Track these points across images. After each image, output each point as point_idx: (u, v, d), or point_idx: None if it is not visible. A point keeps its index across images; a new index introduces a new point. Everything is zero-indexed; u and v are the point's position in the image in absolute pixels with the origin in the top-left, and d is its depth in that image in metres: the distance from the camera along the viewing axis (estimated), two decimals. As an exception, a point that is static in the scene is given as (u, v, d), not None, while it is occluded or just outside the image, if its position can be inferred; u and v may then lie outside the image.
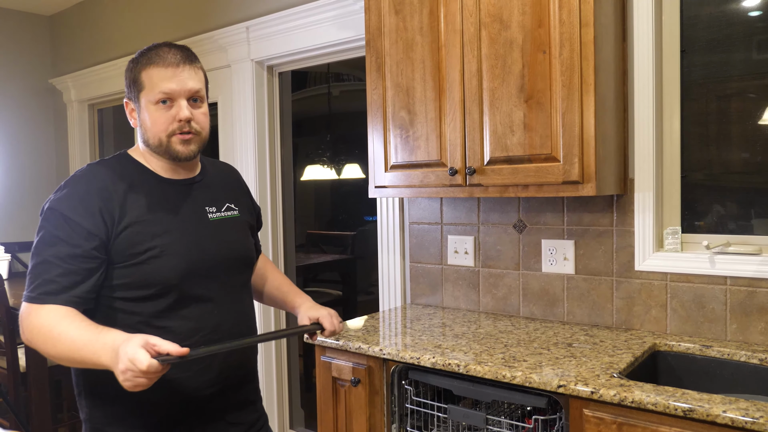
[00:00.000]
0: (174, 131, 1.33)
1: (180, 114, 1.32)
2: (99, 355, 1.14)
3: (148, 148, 1.38)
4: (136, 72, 1.34)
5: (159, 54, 1.34)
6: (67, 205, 1.28)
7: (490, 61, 1.89)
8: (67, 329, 1.19)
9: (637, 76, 1.95)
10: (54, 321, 1.20)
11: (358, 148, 4.89)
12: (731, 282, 1.83)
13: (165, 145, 1.34)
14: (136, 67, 1.35)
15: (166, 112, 1.33)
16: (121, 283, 1.30)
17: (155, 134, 1.34)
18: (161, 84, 1.31)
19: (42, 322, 1.21)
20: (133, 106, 1.38)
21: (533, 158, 1.83)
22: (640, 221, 1.97)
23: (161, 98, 1.32)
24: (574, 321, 2.12)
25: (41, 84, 4.49)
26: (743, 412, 1.28)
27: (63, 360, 1.21)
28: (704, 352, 1.79)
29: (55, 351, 1.20)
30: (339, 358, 1.96)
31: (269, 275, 1.69)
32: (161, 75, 1.32)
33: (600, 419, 1.46)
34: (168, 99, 1.32)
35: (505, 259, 2.27)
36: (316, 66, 3.06)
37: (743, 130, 1.92)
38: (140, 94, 1.34)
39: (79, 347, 1.17)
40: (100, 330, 1.18)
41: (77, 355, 1.18)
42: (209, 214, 1.42)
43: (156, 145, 1.35)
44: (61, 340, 1.18)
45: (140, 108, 1.35)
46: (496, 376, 1.62)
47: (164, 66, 1.32)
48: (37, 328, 1.21)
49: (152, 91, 1.32)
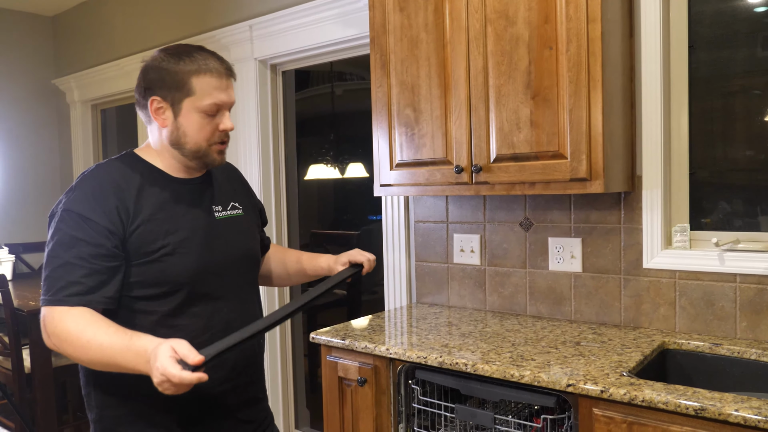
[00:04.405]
0: (216, 141, 1.36)
1: (227, 125, 1.35)
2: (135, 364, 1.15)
3: (179, 150, 1.36)
4: (184, 75, 1.31)
5: (209, 63, 1.33)
6: (83, 206, 1.26)
7: (496, 57, 1.88)
8: (95, 335, 1.18)
9: (644, 72, 1.93)
10: (81, 327, 1.19)
11: (362, 147, 4.88)
12: (741, 279, 1.81)
13: (203, 151, 1.36)
14: (180, 68, 1.31)
15: (211, 121, 1.34)
16: (136, 281, 1.30)
17: (196, 141, 1.34)
18: (215, 94, 1.32)
19: (69, 328, 1.20)
20: (163, 106, 1.33)
21: (540, 155, 1.82)
22: (648, 219, 1.95)
23: (214, 109, 1.33)
24: (581, 319, 2.11)
25: (44, 85, 4.49)
26: (756, 411, 1.26)
27: (95, 365, 1.22)
28: (714, 350, 1.77)
29: (87, 357, 1.20)
30: (345, 358, 1.95)
31: (287, 255, 1.72)
32: (215, 85, 1.33)
33: (610, 418, 1.44)
34: (218, 109, 1.34)
35: (512, 257, 2.26)
36: (319, 65, 3.05)
37: (752, 126, 1.90)
38: (185, 99, 1.31)
39: (112, 354, 1.17)
40: (129, 336, 1.17)
41: (111, 362, 1.18)
42: (216, 212, 1.43)
43: (194, 150, 1.35)
44: (92, 347, 1.18)
45: (179, 111, 1.32)
46: (504, 375, 1.60)
47: (218, 77, 1.33)
48: (64, 334, 1.21)
49: (203, 100, 1.31)
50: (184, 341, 1.13)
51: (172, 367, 1.08)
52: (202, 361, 1.10)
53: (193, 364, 1.09)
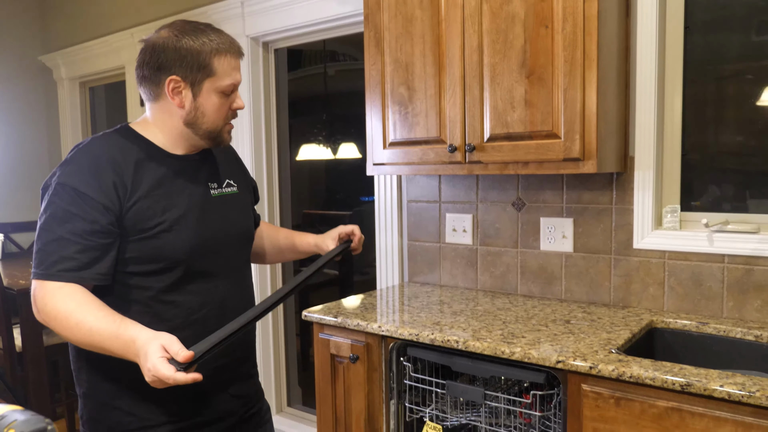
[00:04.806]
0: (229, 119, 1.38)
1: (239, 104, 1.37)
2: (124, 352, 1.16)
3: (192, 129, 1.34)
4: (206, 55, 1.29)
5: (227, 42, 1.33)
6: (78, 180, 1.24)
7: (492, 35, 1.87)
8: (84, 318, 1.18)
9: (639, 53, 1.93)
10: (71, 308, 1.19)
11: (354, 127, 4.86)
12: (729, 260, 1.84)
13: (218, 131, 1.36)
14: (201, 48, 1.29)
15: (226, 101, 1.35)
16: (132, 257, 1.29)
17: (214, 121, 1.34)
18: (233, 74, 1.34)
19: (59, 308, 1.20)
20: (181, 85, 1.30)
21: (534, 135, 1.82)
22: (640, 199, 1.97)
23: (231, 89, 1.34)
24: (572, 298, 2.13)
25: (31, 61, 4.42)
26: (740, 387, 1.29)
27: (84, 347, 1.22)
28: (701, 329, 1.80)
29: (75, 339, 1.21)
30: (337, 336, 1.96)
31: (278, 233, 1.73)
32: (233, 65, 1.34)
33: (598, 394, 1.47)
34: (234, 89, 1.35)
35: (504, 237, 2.27)
36: (311, 45, 3.02)
37: (744, 111, 1.91)
38: (206, 80, 1.30)
39: (101, 340, 1.17)
40: (117, 325, 1.17)
41: (99, 347, 1.19)
42: (211, 190, 1.42)
43: (210, 130, 1.35)
44: (81, 330, 1.18)
45: (200, 91, 1.31)
46: (495, 352, 1.62)
47: (235, 56, 1.35)
48: (53, 313, 1.20)
49: (223, 80, 1.32)
50: (173, 338, 1.13)
51: (165, 369, 1.08)
52: (191, 357, 1.10)
53: (184, 361, 1.09)
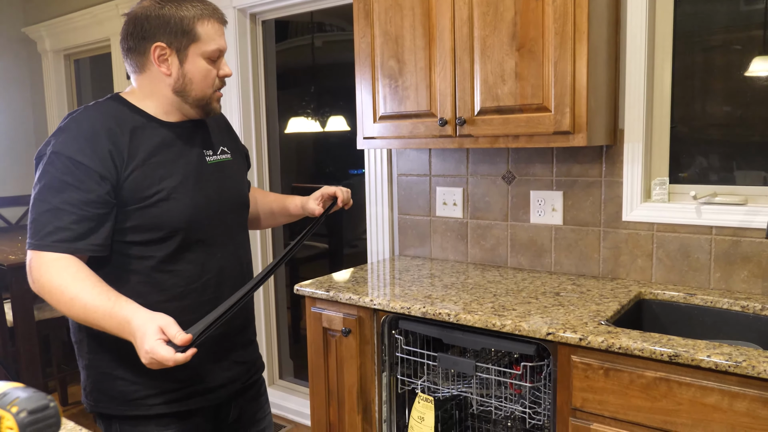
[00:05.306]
0: (217, 87, 1.36)
1: (226, 71, 1.36)
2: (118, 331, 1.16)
3: (182, 97, 1.33)
4: (189, 21, 1.29)
5: (210, 8, 1.33)
6: (74, 148, 1.23)
7: (482, 8, 1.85)
8: (78, 293, 1.17)
9: (629, 25, 1.92)
10: (66, 282, 1.18)
11: (343, 100, 4.81)
12: (716, 232, 1.86)
13: (207, 99, 1.35)
14: (184, 14, 1.29)
15: (213, 68, 1.34)
16: (131, 226, 1.28)
17: (202, 88, 1.33)
18: (218, 40, 1.33)
19: (53, 281, 1.19)
20: (167, 52, 1.29)
21: (524, 108, 1.81)
22: (629, 172, 1.97)
23: (216, 54, 1.33)
24: (561, 271, 2.15)
25: (14, 33, 4.32)
26: (726, 357, 1.32)
27: (79, 321, 1.23)
28: (688, 300, 1.83)
29: (70, 314, 1.21)
30: (329, 309, 1.98)
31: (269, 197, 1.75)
32: (217, 30, 1.33)
33: (587, 365, 1.49)
34: (219, 55, 1.34)
35: (494, 210, 2.28)
36: (298, 16, 2.97)
37: (731, 82, 1.91)
38: (191, 45, 1.30)
39: (95, 318, 1.17)
40: (112, 303, 1.17)
41: (94, 323, 1.19)
42: (206, 156, 1.41)
43: (198, 98, 1.34)
44: (75, 306, 1.18)
45: (185, 57, 1.30)
46: (485, 324, 1.64)
47: (218, 22, 1.34)
48: (48, 286, 1.20)
49: (208, 46, 1.31)
50: (170, 319, 1.13)
51: (164, 351, 1.08)
52: (190, 340, 1.11)
53: (182, 344, 1.10)
